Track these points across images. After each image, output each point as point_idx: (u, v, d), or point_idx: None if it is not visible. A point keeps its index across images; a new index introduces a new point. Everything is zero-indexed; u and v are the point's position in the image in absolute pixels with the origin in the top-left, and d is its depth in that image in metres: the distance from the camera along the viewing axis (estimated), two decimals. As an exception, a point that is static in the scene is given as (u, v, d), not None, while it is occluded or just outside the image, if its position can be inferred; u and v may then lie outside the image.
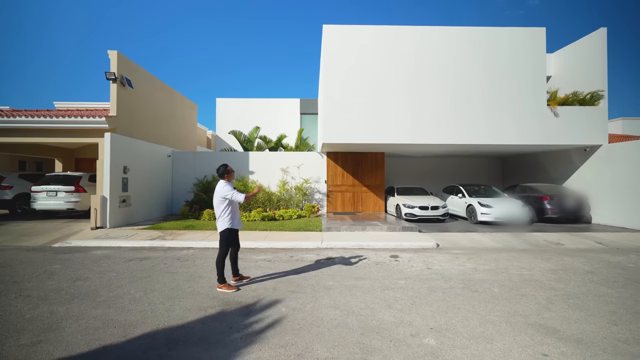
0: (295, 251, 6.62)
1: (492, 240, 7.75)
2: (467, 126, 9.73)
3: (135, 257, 5.92)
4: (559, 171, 12.07)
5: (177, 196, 12.19)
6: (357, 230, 8.51)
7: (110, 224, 8.67)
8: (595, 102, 10.23)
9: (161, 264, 5.44)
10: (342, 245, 7.04)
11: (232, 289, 4.13)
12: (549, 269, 5.28)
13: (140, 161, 10.11)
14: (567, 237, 8.10)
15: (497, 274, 4.94)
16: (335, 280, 4.61)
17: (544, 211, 10.27)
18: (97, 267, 5.23)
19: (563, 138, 9.93)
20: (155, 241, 7.18)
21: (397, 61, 9.74)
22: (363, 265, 5.46)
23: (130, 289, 4.18)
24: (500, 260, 5.87)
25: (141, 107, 10.85)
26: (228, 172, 4.26)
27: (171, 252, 6.38)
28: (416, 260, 5.88)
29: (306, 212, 10.88)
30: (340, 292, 4.14)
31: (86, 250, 6.55)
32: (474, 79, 9.74)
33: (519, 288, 4.30)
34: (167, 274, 4.86)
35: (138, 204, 9.93)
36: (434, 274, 4.98)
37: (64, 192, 9.62)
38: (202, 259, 5.89)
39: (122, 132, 9.58)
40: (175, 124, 13.84)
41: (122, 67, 9.57)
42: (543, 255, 6.32)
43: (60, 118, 8.91)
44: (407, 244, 7.15)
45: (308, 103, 17.06)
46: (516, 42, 9.80)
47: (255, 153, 12.40)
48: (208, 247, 6.96)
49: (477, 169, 16.16)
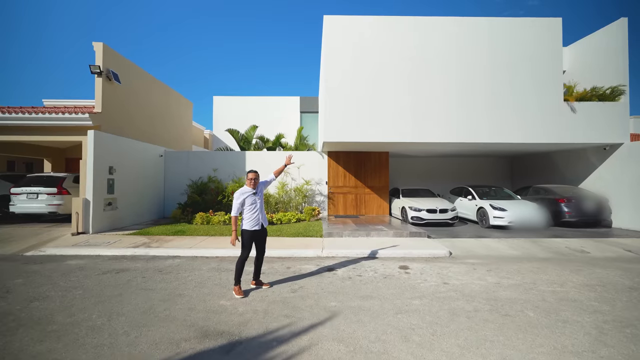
0: (292, 261, 5.94)
1: (509, 248, 7.05)
2: (474, 124, 9.02)
3: (112, 269, 5.24)
4: (575, 171, 11.34)
5: (169, 198, 11.52)
6: (361, 236, 7.82)
7: (94, 229, 8.00)
8: (616, 98, 9.52)
9: (139, 278, 4.77)
10: (345, 254, 6.35)
11: (239, 295, 4.06)
12: (583, 284, 4.59)
13: (129, 161, 9.44)
14: (591, 244, 7.40)
15: (526, 291, 4.25)
16: (338, 300, 3.93)
17: (561, 214, 9.56)
18: (65, 281, 4.56)
19: (581, 136, 9.22)
20: (138, 249, 6.50)
21: (400, 53, 9.04)
22: (369, 279, 4.77)
23: (93, 312, 3.50)
24: (525, 272, 5.17)
25: (131, 103, 10.19)
26: (247, 178, 4.28)
27: (154, 262, 5.71)
28: (429, 272, 5.19)
29: (306, 215, 10.19)
30: (344, 316, 3.46)
31: (60, 259, 5.88)
32: (482, 72, 9.03)
33: (557, 311, 3.60)
34: (143, 292, 4.18)
35: (126, 207, 9.26)
36: (452, 290, 4.29)
37: (46, 194, 8.95)
38: (187, 270, 5.21)
39: (108, 130, 8.92)
40: (168, 122, 13.18)
41: (109, 61, 8.92)
42: (570, 265, 5.62)
43: (41, 115, 8.26)
44: (417, 252, 6.45)
45: (308, 101, 16.36)
46: (530, 34, 9.09)
47: (253, 153, 11.73)
48: (197, 255, 6.28)
49: (484, 169, 15.43)
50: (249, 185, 4.22)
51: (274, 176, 4.60)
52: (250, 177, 4.21)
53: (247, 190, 4.20)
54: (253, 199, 4.19)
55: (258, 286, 4.44)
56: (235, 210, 4.13)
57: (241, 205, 4.15)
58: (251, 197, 4.18)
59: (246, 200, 4.15)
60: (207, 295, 4.06)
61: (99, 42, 8.66)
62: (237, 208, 4.13)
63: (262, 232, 4.33)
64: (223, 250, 6.44)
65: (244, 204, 4.15)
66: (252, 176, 4.22)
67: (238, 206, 4.13)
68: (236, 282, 4.16)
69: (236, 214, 4.13)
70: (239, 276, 4.16)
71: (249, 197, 4.17)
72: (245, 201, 4.15)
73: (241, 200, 4.13)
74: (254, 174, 4.23)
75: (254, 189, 4.22)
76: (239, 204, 4.12)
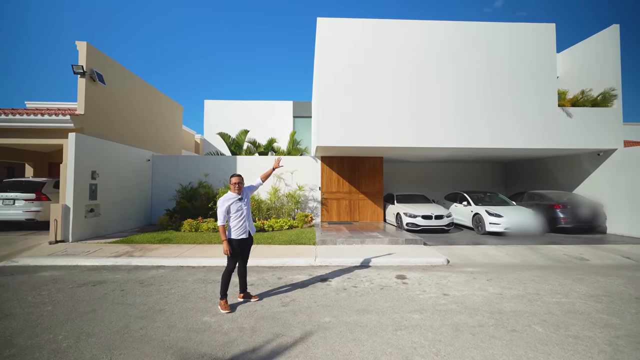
0: (284, 270, 5.63)
1: (507, 255, 6.86)
2: (471, 128, 8.90)
3: (88, 281, 4.86)
4: (569, 177, 11.31)
5: (157, 204, 11.10)
6: (355, 244, 7.55)
7: (74, 237, 7.56)
8: (608, 104, 9.53)
9: (117, 291, 4.40)
10: (339, 263, 6.07)
11: (225, 309, 3.73)
12: (588, 294, 4.39)
13: (114, 165, 9.03)
14: (589, 251, 7.26)
15: (530, 303, 4.02)
16: (332, 315, 3.64)
17: (556, 220, 9.45)
18: (34, 296, 4.17)
19: (575, 141, 9.17)
20: (120, 258, 6.11)
21: (397, 58, 8.91)
22: (365, 291, 4.49)
23: (60, 332, 3.14)
24: (526, 281, 4.96)
25: (117, 106, 9.81)
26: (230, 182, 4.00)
27: (136, 273, 5.33)
28: (427, 282, 4.94)
29: (299, 222, 9.89)
30: (339, 334, 3.17)
31: (33, 271, 5.46)
32: (479, 77, 8.95)
33: (566, 325, 3.38)
34: (119, 307, 3.82)
35: (110, 214, 8.83)
36: (453, 302, 4.04)
37: (23, 200, 8.48)
38: (170, 282, 4.86)
39: (92, 133, 8.52)
40: (157, 126, 12.79)
41: (93, 61, 8.56)
42: (571, 274, 5.43)
43: (18, 116, 7.84)
44: (414, 260, 6.21)
45: (302, 106, 16.13)
46: (524, 39, 9.07)
47: (244, 157, 11.41)
48: (182, 265, 5.92)
49: (479, 175, 15.37)
50: (234, 191, 3.92)
51: (261, 180, 4.27)
52: (234, 181, 3.92)
53: (232, 196, 3.90)
54: (239, 205, 3.88)
55: (246, 299, 4.11)
56: (222, 219, 3.79)
57: (227, 213, 3.82)
58: (237, 203, 3.87)
59: (231, 207, 3.84)
60: (189, 311, 3.72)
61: (82, 41, 8.32)
62: (223, 216, 3.79)
63: (249, 240, 4.04)
64: (211, 259, 6.09)
65: (230, 211, 3.84)
66: (236, 180, 3.92)
67: (224, 214, 3.80)
68: (222, 296, 3.83)
69: (223, 222, 3.80)
70: (225, 289, 3.84)
71: (234, 203, 3.86)
72: (231, 208, 3.83)
73: (226, 207, 3.81)
74: (237, 178, 3.94)
75: (240, 195, 3.93)
76: (224, 211, 3.80)
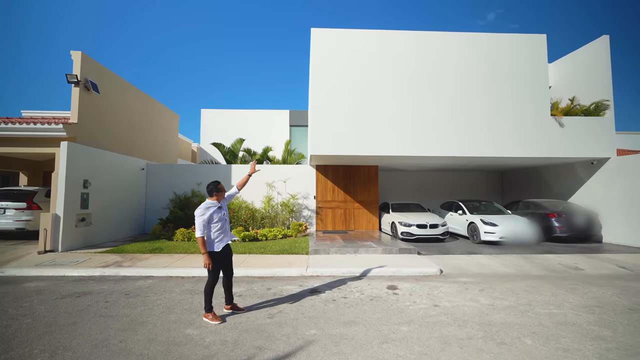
0: (274, 281, 5.54)
1: (501, 265, 6.80)
2: (468, 138, 8.96)
3: (73, 292, 4.77)
4: (563, 186, 11.31)
5: (151, 213, 11.02)
6: (349, 253, 7.47)
7: (63, 247, 7.46)
8: (600, 113, 9.61)
9: (101, 302, 4.31)
10: (331, 273, 5.99)
11: (216, 320, 3.65)
12: (581, 305, 4.32)
13: (107, 174, 8.99)
14: (584, 260, 7.20)
15: (521, 315, 3.95)
16: (318, 327, 3.56)
17: (551, 229, 9.41)
18: (15, 308, 4.08)
19: (568, 150, 9.22)
20: (108, 269, 6.01)
21: (392, 68, 9.01)
22: (355, 302, 4.41)
23: (36, 346, 3.05)
24: (519, 292, 4.89)
25: (111, 114, 9.83)
26: (218, 191, 3.79)
27: (123, 284, 5.24)
28: (419, 292, 4.86)
29: (293, 231, 9.80)
30: (323, 347, 3.09)
31: (18, 281, 5.36)
32: (475, 87, 9.05)
33: (556, 338, 3.30)
34: (101, 319, 3.74)
35: (102, 223, 8.74)
36: (443, 314, 3.97)
37: (14, 209, 8.40)
38: (157, 293, 4.77)
39: (85, 142, 8.51)
40: (152, 135, 12.80)
41: (87, 70, 8.61)
42: (565, 284, 5.36)
43: (11, 125, 7.83)
44: (407, 270, 6.13)
45: (298, 115, 16.21)
46: (517, 49, 9.22)
47: (238, 166, 11.39)
48: (172, 275, 5.83)
49: (475, 184, 15.38)
50: (214, 199, 3.78)
51: (237, 189, 4.10)
52: (220, 188, 3.82)
53: (212, 204, 3.72)
54: (221, 214, 3.76)
55: (234, 311, 3.99)
56: (202, 230, 3.56)
57: (207, 223, 3.65)
58: (217, 212, 3.74)
59: (214, 216, 3.67)
60: (172, 323, 3.64)
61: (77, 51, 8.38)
62: (203, 226, 3.57)
63: (230, 249, 3.94)
64: (201, 269, 5.98)
65: (211, 220, 3.66)
66: (221, 187, 3.84)
67: (204, 224, 3.59)
68: (208, 309, 3.71)
69: (203, 233, 3.58)
70: (210, 301, 3.73)
71: (216, 212, 3.71)
72: (213, 217, 3.68)
73: (207, 216, 3.60)
74: (222, 185, 3.85)
75: (219, 203, 3.80)
76: (205, 221, 3.58)
